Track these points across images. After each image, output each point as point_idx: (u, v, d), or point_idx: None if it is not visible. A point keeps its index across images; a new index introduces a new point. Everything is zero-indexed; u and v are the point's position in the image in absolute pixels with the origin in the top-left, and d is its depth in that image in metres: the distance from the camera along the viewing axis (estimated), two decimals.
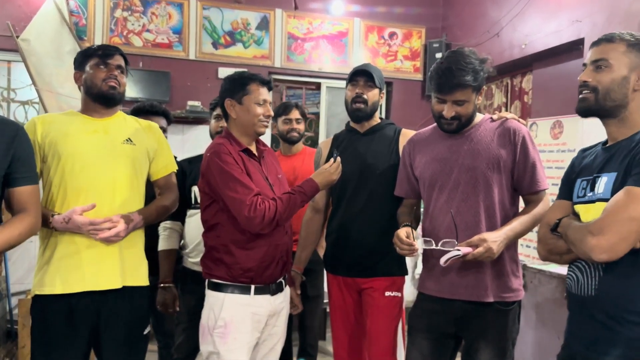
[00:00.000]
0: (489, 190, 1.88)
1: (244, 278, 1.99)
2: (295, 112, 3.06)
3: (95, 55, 1.98)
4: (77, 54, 2.06)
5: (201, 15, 4.72)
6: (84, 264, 1.87)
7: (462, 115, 1.88)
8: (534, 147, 1.91)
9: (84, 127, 1.96)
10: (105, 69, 1.97)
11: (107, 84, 1.96)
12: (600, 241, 1.35)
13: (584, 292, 1.50)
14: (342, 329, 2.34)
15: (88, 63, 1.98)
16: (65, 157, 1.88)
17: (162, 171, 2.12)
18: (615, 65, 1.46)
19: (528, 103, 4.27)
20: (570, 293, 1.57)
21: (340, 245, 2.29)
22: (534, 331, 2.89)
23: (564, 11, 3.68)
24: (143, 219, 1.96)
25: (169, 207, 2.11)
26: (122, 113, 2.10)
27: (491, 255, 1.76)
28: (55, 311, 1.86)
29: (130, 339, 1.97)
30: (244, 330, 1.99)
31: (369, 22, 5.18)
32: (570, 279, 1.57)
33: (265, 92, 2.07)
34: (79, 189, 1.88)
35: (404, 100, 5.25)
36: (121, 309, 1.93)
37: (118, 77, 1.99)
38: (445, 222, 1.92)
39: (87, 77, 1.97)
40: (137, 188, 2.02)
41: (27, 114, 4.53)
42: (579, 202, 1.55)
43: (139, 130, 2.07)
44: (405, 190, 2.14)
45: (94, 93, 1.97)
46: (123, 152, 1.98)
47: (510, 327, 1.90)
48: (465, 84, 1.82)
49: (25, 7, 4.23)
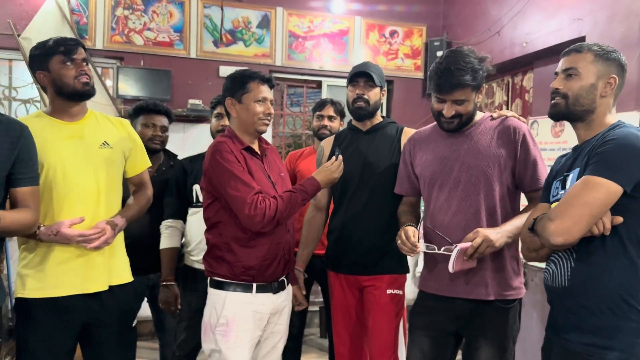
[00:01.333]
0: (490, 189, 1.89)
1: (246, 276, 2.00)
2: (329, 109, 3.03)
3: (58, 52, 1.86)
4: (32, 53, 1.93)
5: (202, 14, 4.72)
6: (72, 268, 1.86)
7: (462, 114, 1.89)
8: (534, 144, 1.91)
9: (58, 133, 1.89)
10: (72, 66, 1.87)
11: (80, 81, 1.88)
12: (556, 225, 1.46)
13: (558, 283, 1.58)
14: (343, 326, 2.34)
15: (51, 61, 1.87)
16: (46, 167, 1.83)
17: (137, 169, 2.10)
18: (584, 73, 1.58)
19: (529, 101, 4.27)
20: (547, 286, 1.65)
21: (342, 243, 2.29)
22: (534, 329, 2.89)
23: (565, 9, 3.68)
24: (126, 222, 1.96)
25: (146, 205, 2.10)
26: (92, 112, 2.03)
27: (491, 245, 1.75)
28: (42, 312, 1.85)
29: (119, 333, 1.98)
30: (246, 328, 2.00)
31: (370, 21, 5.18)
32: (547, 272, 1.64)
33: (266, 89, 2.07)
34: (63, 196, 1.85)
35: (405, 98, 5.26)
36: (109, 307, 1.94)
37: (87, 70, 1.91)
38: (446, 220, 1.92)
39: (56, 77, 1.87)
40: (117, 190, 2.02)
41: (29, 112, 4.53)
42: (553, 200, 1.65)
43: (113, 131, 2.02)
44: (405, 189, 2.14)
45: (67, 92, 1.88)
46: (101, 157, 1.94)
47: (510, 325, 1.91)
48: (464, 83, 1.83)
49: (27, 6, 4.23)
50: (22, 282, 1.86)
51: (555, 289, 1.60)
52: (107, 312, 1.94)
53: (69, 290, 1.86)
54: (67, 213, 1.85)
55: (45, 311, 1.84)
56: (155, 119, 2.68)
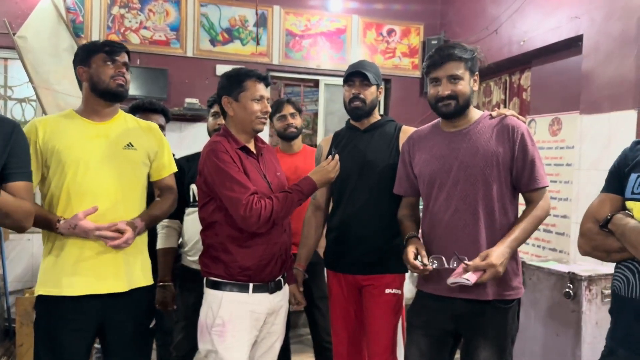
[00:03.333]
0: (488, 188, 1.88)
1: (242, 276, 1.99)
2: (288, 108, 3.02)
3: (102, 51, 1.94)
4: (79, 49, 2.02)
5: (199, 12, 4.70)
6: (91, 268, 1.87)
7: (458, 95, 1.90)
8: (533, 144, 1.90)
9: (86, 132, 1.94)
10: (112, 66, 1.94)
11: (115, 81, 1.94)
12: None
13: (635, 294, 1.42)
14: (342, 326, 2.34)
15: (93, 58, 1.94)
16: (69, 164, 1.87)
17: (163, 173, 2.11)
18: None
19: (527, 100, 4.27)
20: (618, 295, 1.49)
21: (341, 242, 2.29)
22: (533, 328, 2.89)
23: (563, 8, 3.67)
24: (145, 225, 1.98)
25: (169, 209, 2.11)
26: (122, 112, 2.08)
27: (497, 275, 1.77)
28: (61, 310, 1.87)
29: (136, 334, 2.00)
30: (242, 328, 1.99)
31: (367, 19, 5.16)
32: (619, 280, 1.48)
33: (263, 88, 2.06)
34: (83, 194, 1.88)
35: (403, 97, 5.25)
36: (127, 308, 1.95)
37: (125, 74, 1.98)
38: (445, 219, 1.91)
39: (94, 73, 1.93)
40: (139, 192, 2.02)
41: (24, 111, 4.52)
42: (633, 198, 1.46)
43: (139, 133, 2.05)
44: (404, 188, 2.13)
45: (100, 89, 1.94)
46: (124, 158, 1.97)
47: (509, 325, 1.90)
48: (457, 55, 1.90)
49: (22, 4, 4.20)
50: (42, 280, 1.91)
51: (630, 300, 1.43)
52: (124, 313, 1.95)
53: (84, 290, 1.87)
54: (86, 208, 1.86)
55: (63, 308, 1.87)
56: (151, 118, 2.66)
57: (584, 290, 2.58)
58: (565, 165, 3.55)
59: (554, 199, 3.60)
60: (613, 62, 3.22)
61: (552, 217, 3.60)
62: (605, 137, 3.23)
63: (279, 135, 3.10)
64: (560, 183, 3.59)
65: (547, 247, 3.65)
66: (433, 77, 1.93)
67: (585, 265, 2.77)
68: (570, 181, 3.49)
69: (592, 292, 2.58)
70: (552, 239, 3.60)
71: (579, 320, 2.59)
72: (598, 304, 2.59)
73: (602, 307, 2.58)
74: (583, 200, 3.31)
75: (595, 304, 2.59)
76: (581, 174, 3.40)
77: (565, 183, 3.54)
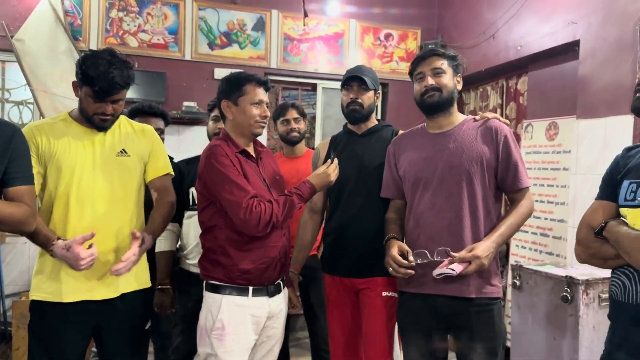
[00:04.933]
0: (472, 188, 1.92)
1: (242, 280, 1.99)
2: (292, 112, 3.04)
3: (91, 86, 1.84)
4: (78, 63, 1.89)
5: (197, 16, 4.71)
6: (84, 274, 1.86)
7: (442, 87, 1.98)
8: (515, 146, 1.97)
9: (80, 139, 1.93)
10: (99, 103, 1.88)
11: (98, 117, 1.90)
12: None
13: (631, 299, 1.43)
14: (338, 329, 2.34)
15: (84, 87, 1.87)
16: (64, 170, 1.88)
17: (156, 172, 2.09)
18: None
19: (523, 104, 4.28)
20: (615, 300, 1.50)
21: (338, 246, 2.29)
22: (530, 332, 2.90)
23: (559, 13, 3.69)
24: (153, 238, 1.98)
25: (170, 212, 2.09)
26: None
27: (482, 269, 1.83)
28: (55, 315, 1.88)
29: (132, 337, 2.00)
30: (242, 331, 1.99)
31: (365, 24, 5.18)
32: (616, 285, 1.49)
33: (262, 92, 2.07)
34: (76, 201, 1.88)
35: (400, 101, 5.25)
36: (122, 311, 1.96)
37: (114, 108, 1.91)
38: (429, 219, 1.95)
39: (81, 98, 1.90)
40: (135, 198, 2.02)
41: (22, 114, 4.51)
42: (627, 205, 1.47)
43: (132, 138, 2.04)
44: (392, 192, 2.16)
45: (85, 116, 1.92)
46: (118, 165, 1.97)
47: (497, 324, 1.93)
48: (440, 52, 2.02)
49: (20, 7, 4.20)
50: (35, 285, 1.91)
51: (627, 305, 1.44)
52: (119, 317, 1.95)
53: (79, 296, 1.88)
54: (80, 218, 1.88)
55: (56, 314, 1.87)
56: (151, 122, 2.66)
57: (581, 294, 2.59)
58: (562, 169, 3.57)
59: (550, 203, 3.61)
60: (609, 67, 3.24)
61: (549, 221, 3.62)
62: (602, 141, 3.25)
63: (282, 139, 3.11)
64: (557, 187, 3.60)
65: (544, 251, 3.66)
66: (418, 73, 2.03)
67: (582, 269, 2.78)
68: (567, 185, 3.50)
69: (589, 296, 2.59)
70: (549, 243, 3.61)
71: (577, 324, 2.59)
72: (595, 308, 2.60)
73: (599, 310, 2.59)
74: (580, 204, 3.33)
75: (592, 308, 2.60)
76: (578, 178, 3.41)
77: (562, 187, 3.55)
